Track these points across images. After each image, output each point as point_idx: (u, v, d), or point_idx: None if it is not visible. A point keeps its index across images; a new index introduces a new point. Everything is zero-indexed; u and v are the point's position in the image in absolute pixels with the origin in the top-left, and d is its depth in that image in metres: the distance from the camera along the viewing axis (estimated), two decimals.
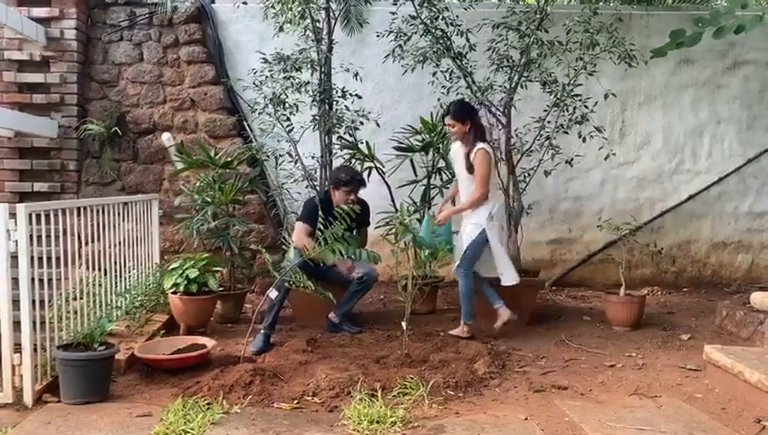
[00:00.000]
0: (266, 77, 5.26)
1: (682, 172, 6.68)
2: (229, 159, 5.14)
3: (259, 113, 5.33)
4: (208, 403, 3.25)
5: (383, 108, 6.48)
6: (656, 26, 6.43)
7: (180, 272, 4.65)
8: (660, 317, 5.25)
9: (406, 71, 5.27)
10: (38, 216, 3.48)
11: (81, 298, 4.00)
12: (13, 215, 3.27)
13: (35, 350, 3.41)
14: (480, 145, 4.47)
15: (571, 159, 5.32)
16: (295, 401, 3.38)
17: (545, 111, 5.25)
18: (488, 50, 5.23)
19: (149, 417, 3.16)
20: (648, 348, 4.39)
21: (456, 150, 4.66)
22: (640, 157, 6.66)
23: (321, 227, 4.08)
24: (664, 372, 3.88)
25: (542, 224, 6.61)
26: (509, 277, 4.56)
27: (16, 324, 3.30)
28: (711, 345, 3.73)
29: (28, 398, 3.29)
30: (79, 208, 4.08)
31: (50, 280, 3.67)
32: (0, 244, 3.22)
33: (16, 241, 3.26)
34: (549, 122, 5.19)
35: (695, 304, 5.83)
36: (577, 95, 5.11)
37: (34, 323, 3.39)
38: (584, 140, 5.16)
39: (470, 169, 4.49)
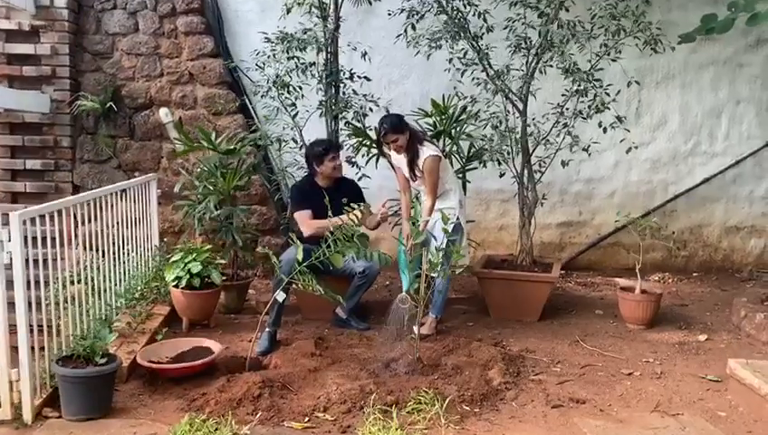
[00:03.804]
0: (269, 57, 4.98)
1: (698, 154, 6.47)
2: (232, 147, 4.89)
3: (262, 96, 5.06)
4: (216, 422, 3.13)
5: (390, 83, 6.22)
6: (677, 0, 6.13)
7: (182, 265, 4.47)
8: (674, 311, 5.12)
9: (418, 51, 4.99)
10: (32, 219, 3.28)
11: (79, 283, 3.81)
12: (5, 224, 3.07)
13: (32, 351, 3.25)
14: (427, 152, 4.31)
15: (588, 147, 5.09)
16: (306, 419, 3.26)
17: (564, 95, 5.00)
18: (505, 29, 4.95)
19: None
20: (664, 352, 4.27)
21: (398, 159, 4.47)
22: (656, 138, 6.43)
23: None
24: (684, 384, 3.77)
25: (553, 206, 6.42)
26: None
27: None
28: (735, 360, 3.60)
29: (27, 414, 3.15)
30: (76, 205, 3.86)
31: (46, 282, 3.51)
32: None
33: (10, 252, 3.06)
34: (567, 109, 4.95)
35: (707, 295, 5.71)
36: (597, 80, 4.85)
37: (31, 327, 3.22)
38: (605, 130, 4.92)
39: (416, 176, 4.38)
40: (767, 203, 6.55)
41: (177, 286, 4.50)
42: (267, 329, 4.24)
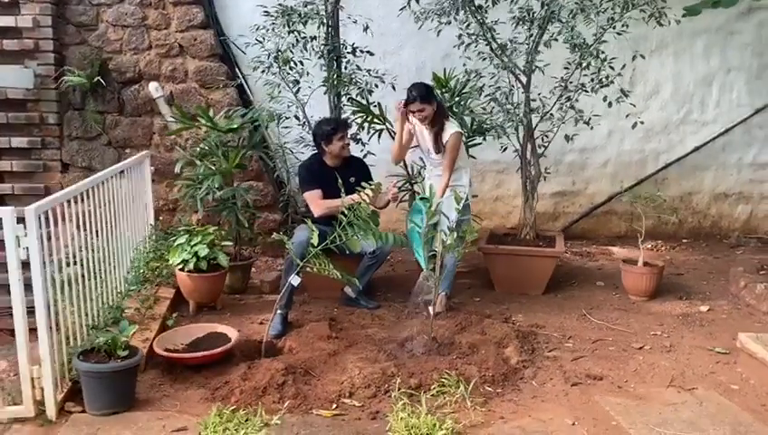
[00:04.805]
0: (267, 30, 4.84)
1: (689, 123, 6.53)
2: (235, 126, 4.76)
3: (263, 72, 4.91)
4: (246, 412, 3.12)
5: (386, 54, 6.07)
6: None
7: (188, 248, 4.39)
8: (672, 281, 5.21)
9: (421, 26, 4.88)
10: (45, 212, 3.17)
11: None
12: (21, 219, 2.97)
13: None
14: (453, 128, 4.31)
15: (589, 119, 5.09)
16: (334, 405, 3.27)
17: (566, 68, 4.97)
18: None
19: (185, 432, 3.00)
20: (670, 324, 4.37)
21: (421, 128, 4.42)
22: (648, 107, 6.45)
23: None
24: (693, 357, 3.87)
25: (547, 177, 6.42)
26: None
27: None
28: (746, 334, 3.70)
29: (51, 411, 3.09)
30: (88, 191, 3.73)
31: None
32: (10, 253, 2.93)
33: (27, 248, 2.96)
34: (571, 82, 4.93)
35: (701, 263, 5.83)
36: (603, 52, 4.81)
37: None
38: (610, 104, 4.91)
39: (440, 148, 4.35)
40: (754, 170, 6.67)
41: (182, 269, 4.43)
42: (278, 311, 4.19)
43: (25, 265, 2.98)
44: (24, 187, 5.59)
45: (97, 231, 3.95)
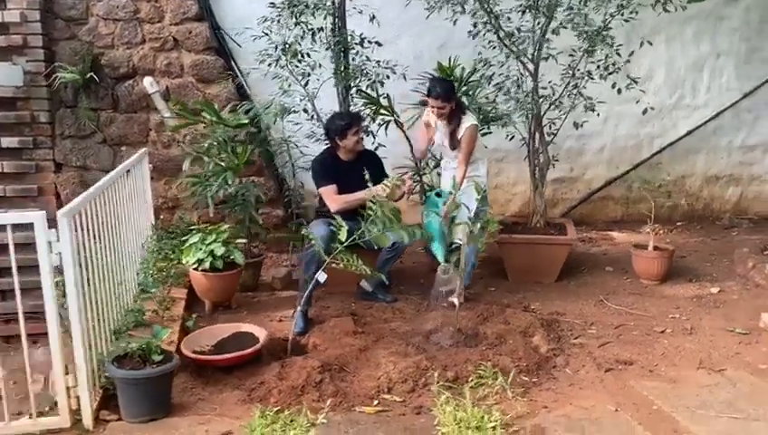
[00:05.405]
0: (272, 21, 4.74)
1: (681, 107, 6.64)
2: (244, 121, 4.66)
3: (269, 65, 4.81)
4: (290, 412, 3.06)
5: (384, 42, 6.01)
6: None
7: (203, 247, 4.29)
8: (677, 264, 5.25)
9: (428, 15, 4.84)
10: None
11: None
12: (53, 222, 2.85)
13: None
14: (469, 122, 4.33)
15: (594, 107, 5.12)
16: (375, 402, 3.24)
17: (571, 55, 4.99)
18: None
19: None
20: (686, 307, 4.44)
21: (438, 124, 4.45)
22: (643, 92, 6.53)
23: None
24: (716, 338, 3.94)
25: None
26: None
27: None
28: None
29: (87, 420, 2.98)
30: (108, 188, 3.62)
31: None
32: (42, 259, 2.81)
33: (60, 254, 2.85)
34: (578, 70, 4.95)
35: (700, 245, 5.94)
36: (611, 37, 4.84)
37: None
38: (619, 91, 4.96)
39: (455, 144, 4.39)
40: (744, 152, 6.81)
41: (197, 269, 4.34)
42: (299, 308, 4.13)
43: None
44: (15, 188, 5.39)
45: (100, 233, 3.83)
